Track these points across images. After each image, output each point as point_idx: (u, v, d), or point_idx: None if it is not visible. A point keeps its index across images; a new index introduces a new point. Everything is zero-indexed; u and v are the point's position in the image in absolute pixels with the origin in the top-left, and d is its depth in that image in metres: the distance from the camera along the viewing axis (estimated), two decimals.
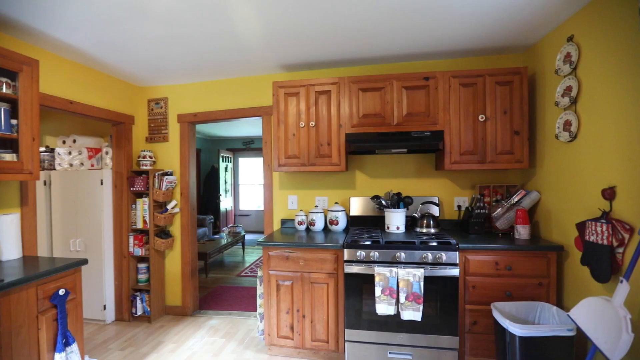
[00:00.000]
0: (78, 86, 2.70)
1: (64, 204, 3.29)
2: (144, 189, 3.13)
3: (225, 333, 2.94)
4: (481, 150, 2.37)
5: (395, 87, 2.48)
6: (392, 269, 2.08)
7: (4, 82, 1.89)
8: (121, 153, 3.21)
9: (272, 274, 2.36)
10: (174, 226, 3.34)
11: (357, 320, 2.22)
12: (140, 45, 2.38)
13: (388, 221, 2.52)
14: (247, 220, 8.30)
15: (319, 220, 2.74)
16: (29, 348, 1.69)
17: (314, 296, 2.31)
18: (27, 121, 1.97)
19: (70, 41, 2.28)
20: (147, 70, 2.90)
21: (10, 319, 1.59)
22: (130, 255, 3.21)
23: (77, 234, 3.25)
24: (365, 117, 2.53)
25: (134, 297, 3.21)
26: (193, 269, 3.37)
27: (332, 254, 2.28)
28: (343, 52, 2.58)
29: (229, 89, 3.16)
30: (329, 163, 2.57)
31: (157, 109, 3.36)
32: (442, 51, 2.58)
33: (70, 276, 1.93)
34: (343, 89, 2.55)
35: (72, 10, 1.88)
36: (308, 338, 2.34)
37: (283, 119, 2.63)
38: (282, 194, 3.03)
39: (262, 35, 2.25)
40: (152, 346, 2.73)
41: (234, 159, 8.32)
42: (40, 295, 1.75)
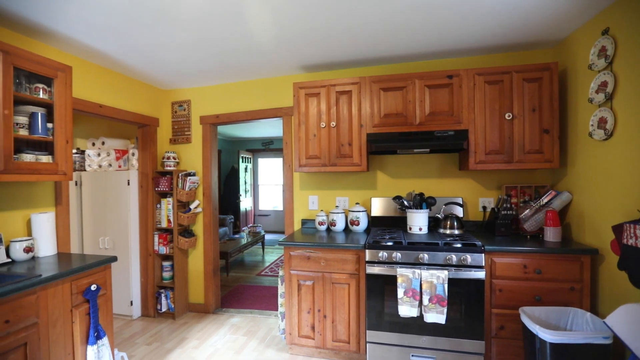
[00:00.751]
0: (106, 90, 2.81)
1: (93, 204, 3.43)
2: (168, 189, 3.22)
3: (246, 331, 2.97)
4: (508, 150, 2.30)
5: (418, 86, 2.44)
6: (415, 271, 2.04)
7: (40, 87, 1.99)
8: (146, 154, 3.31)
9: (294, 274, 2.38)
10: (197, 225, 3.42)
11: (378, 322, 2.20)
12: (166, 50, 2.44)
13: (410, 222, 2.48)
14: (267, 220, 8.39)
15: (340, 221, 2.73)
16: (64, 340, 1.77)
17: (335, 296, 2.30)
18: (61, 124, 2.06)
19: (100, 47, 2.38)
20: (171, 73, 2.98)
21: (47, 311, 1.67)
22: (155, 253, 3.31)
23: (105, 232, 3.38)
24: (386, 117, 2.50)
25: (159, 294, 3.30)
26: (215, 268, 3.44)
27: (354, 255, 2.27)
28: (363, 52, 2.57)
29: (249, 91, 3.20)
30: (350, 163, 2.56)
31: (180, 111, 3.44)
32: (466, 48, 2.51)
33: (101, 272, 2.01)
34: (364, 88, 2.53)
35: (103, 17, 1.96)
36: (329, 338, 2.33)
37: (304, 119, 2.64)
38: (302, 194, 3.04)
39: (281, 37, 2.26)
40: (176, 342, 2.80)
41: (254, 159, 8.43)
42: (74, 290, 1.82)
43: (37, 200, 2.26)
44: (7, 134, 1.75)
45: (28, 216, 2.19)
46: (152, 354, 2.61)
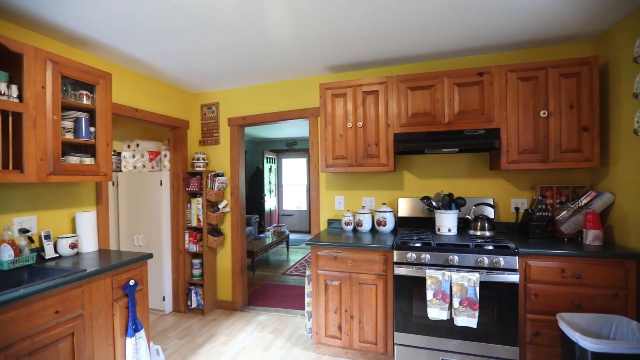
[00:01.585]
0: (141, 95, 2.94)
1: (128, 203, 3.60)
2: (198, 189, 3.32)
3: (273, 329, 3.02)
4: (543, 149, 2.20)
5: (446, 84, 2.39)
6: (445, 273, 2.00)
7: (84, 94, 2.12)
8: (177, 156, 3.44)
9: (321, 274, 2.39)
10: (225, 225, 3.51)
11: (406, 324, 2.17)
12: (197, 55, 2.53)
13: (439, 223, 2.43)
14: (290, 220, 8.47)
15: (367, 221, 2.72)
16: (106, 331, 1.87)
17: (363, 297, 2.30)
18: (102, 128, 2.19)
19: (136, 54, 2.50)
20: (201, 77, 3.08)
21: (91, 304, 1.78)
22: (185, 251, 3.43)
23: (140, 230, 3.54)
24: (414, 117, 2.47)
25: (189, 291, 3.42)
26: (242, 266, 3.52)
27: (381, 255, 2.25)
28: (389, 51, 2.55)
29: (276, 92, 3.25)
30: (377, 163, 2.55)
31: (209, 114, 3.55)
32: (497, 44, 2.43)
33: (138, 269, 2.11)
34: (391, 88, 2.51)
35: (140, 26, 2.06)
36: (356, 339, 2.33)
37: (330, 120, 2.65)
38: (328, 194, 3.05)
39: (307, 39, 2.29)
40: (206, 337, 2.90)
41: (278, 159, 8.54)
42: (114, 285, 1.93)
43: (80, 200, 2.41)
44: (56, 138, 1.88)
45: (72, 214, 2.33)
46: (183, 348, 2.71)
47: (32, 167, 1.77)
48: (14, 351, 1.40)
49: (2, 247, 1.81)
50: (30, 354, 1.47)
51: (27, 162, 1.74)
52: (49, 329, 1.55)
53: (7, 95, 1.69)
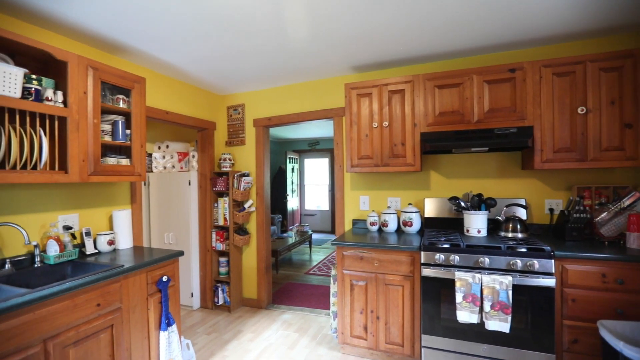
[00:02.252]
0: (171, 98, 3.05)
1: (159, 202, 3.74)
2: (225, 188, 3.41)
3: (298, 328, 3.05)
4: (580, 147, 2.10)
5: (476, 81, 2.32)
6: (475, 275, 1.95)
7: (120, 98, 2.22)
8: (205, 156, 3.54)
9: (346, 274, 2.39)
10: (250, 224, 3.58)
11: (434, 326, 2.13)
12: (225, 58, 2.60)
13: (467, 224, 2.37)
14: (313, 220, 8.51)
15: (392, 221, 2.69)
16: (141, 324, 1.95)
17: (389, 298, 2.28)
18: (137, 130, 2.29)
19: (168, 58, 2.59)
20: (227, 79, 3.15)
21: (128, 298, 1.87)
22: (213, 249, 3.52)
23: (170, 229, 3.67)
24: (441, 115, 2.42)
25: (216, 288, 3.51)
26: (267, 265, 3.57)
27: (408, 256, 2.22)
28: (416, 49, 2.51)
29: (300, 93, 3.28)
30: (403, 163, 2.52)
31: (235, 115, 3.63)
32: (530, 39, 2.34)
33: (171, 265, 2.19)
34: (417, 86, 2.47)
35: (172, 31, 2.13)
36: (382, 340, 2.31)
37: (355, 120, 2.65)
38: (353, 194, 3.05)
39: (332, 39, 2.29)
40: (233, 334, 2.96)
41: (300, 160, 8.60)
42: (149, 280, 2.01)
43: (116, 199, 2.53)
44: (96, 140, 1.98)
45: (110, 213, 2.46)
46: (211, 344, 2.78)
47: (75, 168, 1.88)
48: (61, 340, 1.50)
49: (49, 242, 1.93)
50: (75, 343, 1.56)
51: (70, 164, 1.85)
52: (91, 321, 1.65)
53: (54, 101, 1.80)
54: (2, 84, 1.53)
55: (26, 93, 1.69)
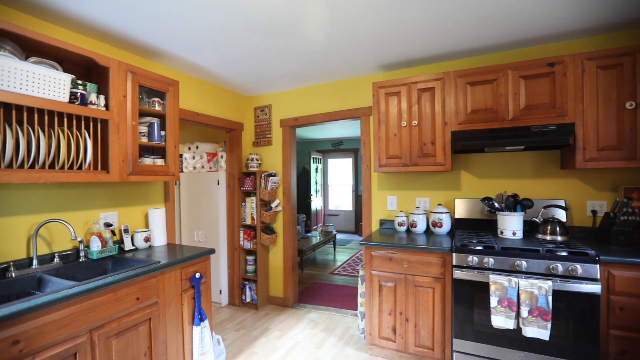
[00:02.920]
0: (202, 100, 3.14)
1: (189, 201, 3.87)
2: (252, 188, 3.47)
3: (324, 327, 3.05)
4: (629, 145, 1.97)
5: (511, 77, 2.23)
6: (512, 279, 1.87)
7: (156, 101, 2.31)
8: (233, 157, 3.62)
9: (375, 274, 2.37)
10: (277, 223, 3.62)
11: (466, 330, 2.07)
12: (253, 59, 2.64)
13: (502, 225, 2.28)
14: (336, 220, 8.50)
15: (421, 222, 2.64)
16: (176, 319, 2.02)
17: (419, 300, 2.23)
18: (171, 132, 2.37)
19: (200, 62, 2.67)
20: (254, 81, 3.21)
21: (165, 293, 1.94)
22: (240, 248, 3.59)
23: (199, 227, 3.78)
24: (474, 113, 2.34)
25: (244, 286, 3.58)
26: (293, 264, 3.60)
27: (439, 258, 2.17)
28: (446, 46, 2.44)
29: (327, 93, 3.29)
30: (433, 163, 2.46)
31: (262, 116, 3.69)
32: (570, 31, 2.22)
33: (203, 263, 2.25)
34: (448, 84, 2.41)
35: (204, 35, 2.20)
36: (411, 342, 2.27)
37: (384, 119, 2.62)
38: (380, 194, 3.01)
39: (360, 38, 2.27)
40: (260, 331, 3.01)
41: (324, 160, 8.62)
42: (183, 277, 2.08)
43: (151, 198, 2.63)
44: (134, 142, 2.07)
45: (145, 211, 2.56)
46: (240, 340, 2.84)
47: (116, 168, 1.97)
48: (105, 331, 1.58)
49: (92, 238, 2.04)
50: (117, 334, 1.64)
51: (112, 164, 1.95)
52: (131, 313, 1.72)
53: (97, 105, 1.90)
54: (53, 89, 1.63)
55: (73, 97, 1.80)
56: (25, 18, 1.88)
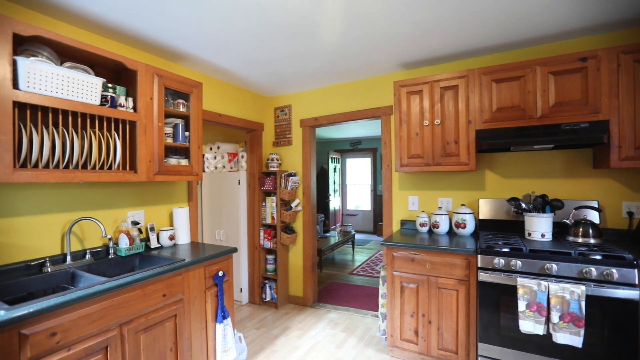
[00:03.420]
0: (223, 101, 3.20)
1: (211, 200, 3.94)
2: (272, 188, 3.50)
3: (344, 328, 3.04)
4: None
5: (539, 73, 2.15)
6: (541, 282, 1.80)
7: (180, 102, 2.37)
8: (253, 156, 3.66)
9: (396, 275, 2.34)
10: (297, 223, 3.64)
11: (492, 335, 2.01)
12: (274, 60, 2.66)
13: (529, 227, 2.20)
14: (354, 220, 8.47)
15: (443, 223, 2.59)
16: (200, 316, 2.07)
17: (442, 302, 2.19)
18: (194, 132, 2.42)
19: (222, 63, 2.72)
20: (275, 81, 3.24)
21: (189, 290, 1.99)
22: (260, 247, 3.63)
23: (220, 226, 3.85)
24: (499, 111, 2.28)
25: (264, 284, 3.62)
26: (313, 264, 3.61)
27: (463, 259, 2.12)
28: (470, 42, 2.38)
29: (347, 92, 3.27)
30: (456, 162, 2.41)
31: (282, 116, 3.72)
32: (604, 23, 2.12)
33: (225, 261, 2.29)
34: (472, 81, 2.35)
35: (227, 37, 2.23)
36: (434, 345, 2.23)
37: (405, 118, 2.58)
38: (401, 194, 2.98)
39: (380, 37, 2.25)
40: (280, 330, 3.03)
41: (342, 159, 8.60)
42: (206, 275, 2.12)
43: (175, 197, 2.70)
44: (160, 142, 2.13)
45: (170, 210, 2.63)
46: (260, 338, 2.87)
47: (143, 168, 2.03)
48: (134, 325, 1.63)
49: (120, 236, 2.11)
50: (145, 329, 1.69)
51: (139, 164, 2.01)
52: (158, 309, 1.77)
53: (125, 107, 1.97)
54: (86, 92, 1.70)
55: (103, 100, 1.87)
56: (58, 24, 1.97)
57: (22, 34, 1.49)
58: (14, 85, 1.49)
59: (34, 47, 1.64)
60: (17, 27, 1.47)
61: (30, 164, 1.56)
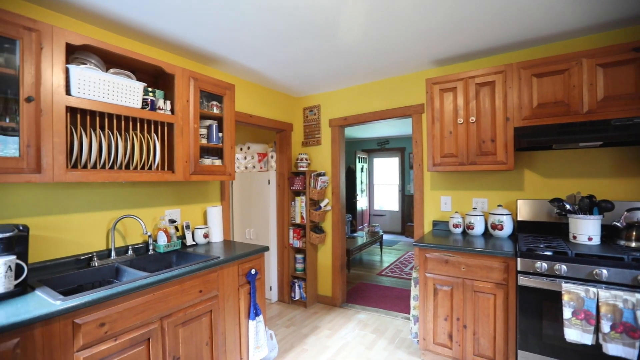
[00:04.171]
0: (254, 102, 3.26)
1: (241, 200, 4.03)
2: (302, 188, 3.52)
3: (374, 329, 3.01)
4: None
5: (586, 66, 2.02)
6: (589, 289, 1.69)
7: (214, 104, 2.44)
8: (283, 157, 3.71)
9: (429, 277, 2.28)
10: (326, 223, 3.64)
11: (533, 342, 1.91)
12: (304, 61, 2.68)
13: (574, 229, 2.07)
14: (382, 220, 8.36)
15: (479, 224, 2.49)
16: (234, 312, 2.12)
17: (478, 306, 2.11)
18: (228, 133, 2.49)
19: (253, 65, 2.77)
20: (303, 82, 3.26)
21: (224, 287, 2.04)
22: (290, 246, 3.67)
23: (250, 225, 3.93)
24: (541, 107, 2.16)
25: (293, 283, 3.65)
26: (342, 264, 3.60)
27: (501, 262, 2.03)
28: (508, 36, 2.27)
29: (377, 91, 3.24)
30: (492, 161, 2.31)
31: (311, 116, 3.73)
32: None
33: (258, 259, 2.33)
34: (510, 77, 2.24)
35: (258, 39, 2.27)
36: (469, 351, 2.15)
37: (438, 116, 2.51)
38: (433, 194, 2.90)
39: (412, 34, 2.20)
40: (310, 329, 3.05)
41: (369, 159, 8.52)
42: (240, 272, 2.17)
43: (208, 196, 2.79)
44: (196, 143, 2.21)
45: (204, 209, 2.72)
46: (291, 336, 2.90)
47: (180, 168, 2.11)
48: (173, 319, 1.70)
49: (159, 233, 2.21)
50: (184, 323, 1.76)
51: (176, 164, 2.09)
52: (195, 305, 1.84)
53: (164, 110, 2.06)
54: (129, 97, 1.80)
55: (144, 103, 1.96)
56: (102, 32, 2.09)
57: (74, 43, 1.60)
58: (66, 92, 1.60)
59: (83, 55, 1.75)
60: (69, 37, 1.58)
61: (80, 165, 1.67)
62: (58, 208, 1.84)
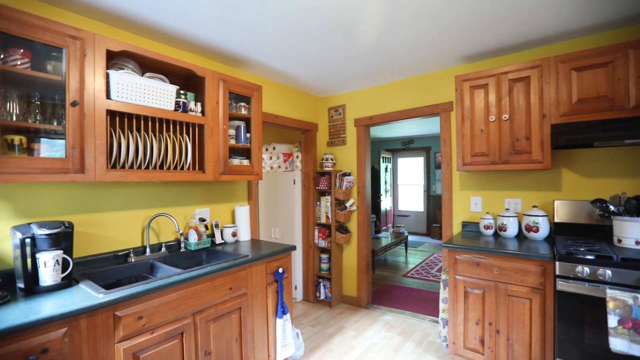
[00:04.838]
0: (279, 102, 3.30)
1: (267, 200, 4.09)
2: (327, 187, 3.53)
3: (401, 331, 2.96)
4: None
5: (632, 58, 1.89)
6: (638, 296, 1.58)
7: (242, 105, 2.49)
8: (308, 156, 3.72)
9: (459, 280, 2.22)
10: (351, 223, 3.63)
11: (572, 351, 1.81)
12: (329, 61, 2.68)
13: (619, 233, 1.95)
14: (406, 221, 8.22)
15: (512, 225, 2.39)
16: (262, 310, 2.15)
17: (512, 311, 2.03)
18: (255, 134, 2.53)
19: (279, 66, 2.81)
20: (328, 82, 3.26)
21: (252, 285, 2.08)
22: (315, 246, 3.68)
23: (276, 224, 3.98)
24: (581, 103, 2.04)
25: (318, 283, 3.66)
26: (367, 264, 3.57)
27: (538, 266, 1.94)
28: (541, 30, 2.16)
29: (403, 90, 3.18)
30: (527, 160, 2.21)
31: (336, 116, 3.73)
32: None
33: (285, 258, 2.36)
34: (547, 71, 2.14)
35: (287, 41, 2.29)
36: (502, 357, 2.07)
37: (468, 114, 2.43)
38: (462, 195, 2.81)
39: (439, 29, 2.14)
40: (336, 329, 3.04)
41: (393, 159, 8.40)
42: (267, 271, 2.20)
43: (236, 196, 2.85)
44: (225, 144, 2.26)
45: (232, 208, 2.78)
46: (316, 336, 2.91)
47: (210, 168, 2.17)
48: (205, 315, 1.75)
49: (190, 232, 2.28)
50: (215, 319, 1.81)
51: (207, 164, 2.15)
52: (225, 302, 1.88)
53: (195, 111, 2.12)
54: (163, 99, 1.87)
55: (176, 106, 2.03)
56: (136, 38, 2.18)
57: (113, 49, 1.68)
58: (107, 96, 1.68)
59: (121, 61, 1.84)
60: (109, 44, 1.66)
61: (119, 165, 1.75)
62: (98, 206, 1.94)
